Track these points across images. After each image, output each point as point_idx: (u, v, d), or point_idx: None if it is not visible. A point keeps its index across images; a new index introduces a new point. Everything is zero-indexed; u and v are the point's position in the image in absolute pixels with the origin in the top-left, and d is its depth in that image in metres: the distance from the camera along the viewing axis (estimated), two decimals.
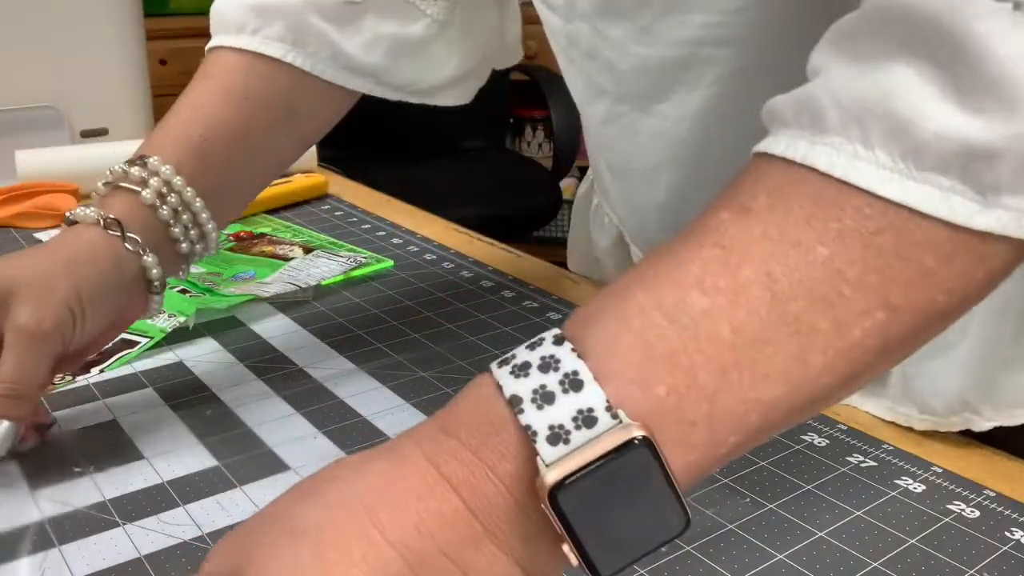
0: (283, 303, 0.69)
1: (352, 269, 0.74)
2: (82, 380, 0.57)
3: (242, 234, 0.84)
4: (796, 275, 0.30)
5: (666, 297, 0.30)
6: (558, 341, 0.29)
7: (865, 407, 0.54)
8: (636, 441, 0.28)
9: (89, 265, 0.48)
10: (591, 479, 0.27)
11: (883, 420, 0.53)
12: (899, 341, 0.31)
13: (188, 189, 0.51)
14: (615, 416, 0.28)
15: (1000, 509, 0.44)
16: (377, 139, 2.27)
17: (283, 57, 0.56)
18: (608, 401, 0.28)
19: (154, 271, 0.50)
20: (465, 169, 2.39)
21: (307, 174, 0.99)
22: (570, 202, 2.87)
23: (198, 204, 0.52)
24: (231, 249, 0.80)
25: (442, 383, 0.57)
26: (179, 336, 0.63)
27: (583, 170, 2.82)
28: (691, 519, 0.29)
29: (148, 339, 0.61)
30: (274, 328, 0.65)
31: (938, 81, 0.29)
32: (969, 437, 0.51)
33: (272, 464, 0.48)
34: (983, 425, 0.52)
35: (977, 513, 0.44)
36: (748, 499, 0.45)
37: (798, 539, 0.42)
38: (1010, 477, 0.47)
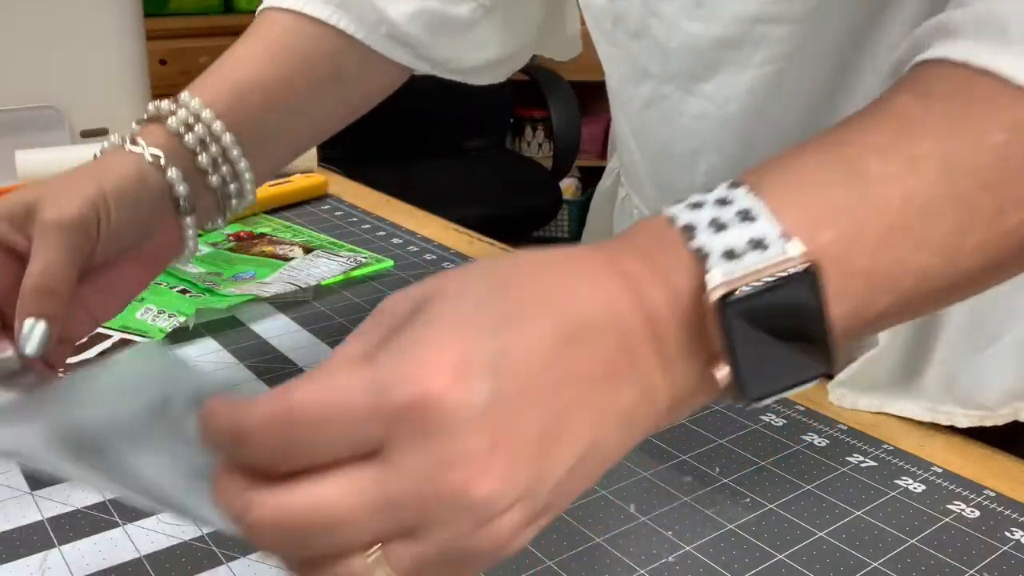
0: (283, 303, 0.69)
1: (352, 269, 0.74)
2: None
3: (242, 234, 0.84)
4: (969, 155, 0.31)
5: (844, 158, 0.32)
6: (733, 186, 0.31)
7: (903, 411, 0.54)
8: (806, 270, 0.29)
9: (112, 172, 0.47)
10: (758, 298, 0.29)
11: (921, 423, 0.52)
12: None
13: (217, 122, 0.51)
14: (787, 246, 0.29)
15: (1000, 509, 0.44)
16: (377, 139, 2.27)
17: (328, 19, 0.56)
18: (782, 232, 0.29)
19: (180, 188, 0.49)
20: (465, 169, 2.39)
21: (307, 174, 0.99)
22: (570, 202, 2.88)
23: (228, 138, 0.51)
24: (231, 249, 0.80)
25: None
26: (179, 336, 0.62)
27: (583, 170, 2.85)
28: (829, 362, 0.30)
29: (148, 339, 0.61)
30: (274, 328, 0.65)
31: None
32: (969, 437, 0.51)
33: None
34: None
35: (977, 513, 0.44)
36: (748, 499, 0.45)
37: (798, 539, 0.42)
38: (1010, 477, 0.47)
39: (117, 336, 0.62)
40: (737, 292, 0.28)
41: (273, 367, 0.59)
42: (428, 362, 0.26)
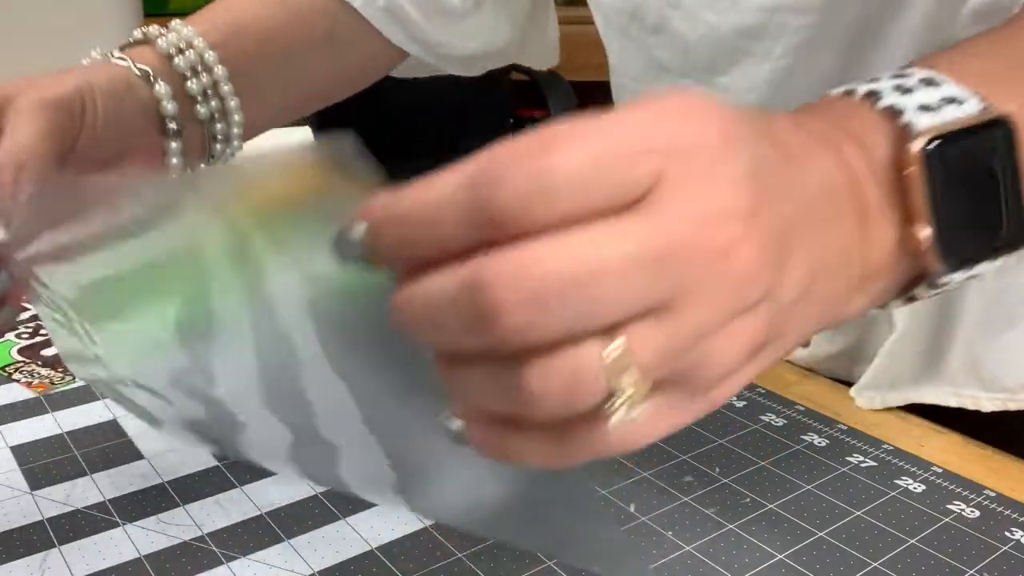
0: None
1: None
2: (82, 380, 0.57)
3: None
4: None
5: (1003, 52, 0.34)
6: (906, 66, 0.31)
7: (924, 398, 0.54)
8: (1004, 118, 0.29)
9: (99, 73, 0.47)
10: (959, 146, 0.28)
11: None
12: None
13: (210, 51, 0.50)
14: (983, 102, 0.29)
15: (1000, 509, 0.44)
16: (377, 139, 2.27)
17: None
18: (973, 92, 0.30)
19: (167, 104, 0.48)
20: None
21: None
22: None
23: (220, 70, 0.51)
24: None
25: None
26: None
27: None
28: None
29: None
30: None
31: None
32: (968, 437, 0.51)
33: None
34: None
35: (977, 513, 0.44)
36: (748, 499, 0.45)
37: (798, 539, 0.42)
38: (1010, 477, 0.47)
39: None
40: (939, 142, 0.28)
41: None
42: (703, 117, 0.24)
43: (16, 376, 0.57)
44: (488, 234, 0.22)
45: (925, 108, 0.29)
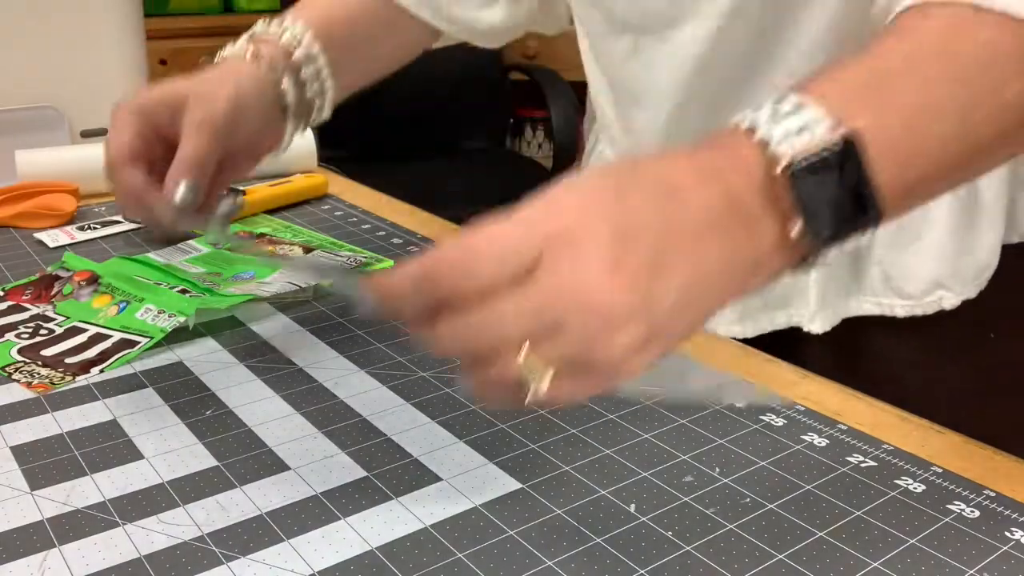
0: (283, 303, 0.69)
1: (352, 269, 0.74)
2: (82, 380, 0.57)
3: (242, 234, 0.84)
4: (963, 47, 0.40)
5: (866, 67, 0.40)
6: (786, 92, 0.39)
7: (859, 311, 0.66)
8: (849, 136, 0.37)
9: (244, 78, 0.59)
10: (813, 162, 0.37)
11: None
12: None
13: (317, 43, 0.63)
14: (832, 124, 0.37)
15: (1000, 509, 0.44)
16: (377, 139, 2.27)
17: None
18: (826, 114, 0.37)
19: (289, 96, 0.62)
20: (465, 169, 2.39)
21: (307, 174, 0.99)
22: None
23: (323, 59, 0.63)
24: (231, 249, 0.80)
25: (442, 383, 0.57)
26: (179, 336, 0.62)
27: None
28: (880, 215, 0.38)
29: (148, 339, 0.61)
30: (274, 328, 0.65)
31: None
32: (968, 437, 0.51)
33: (272, 464, 0.48)
34: (953, 301, 0.64)
35: (977, 513, 0.44)
36: (748, 499, 0.45)
37: (798, 539, 0.42)
38: (1010, 477, 0.47)
39: (117, 336, 0.62)
40: (798, 160, 0.37)
41: (273, 367, 0.59)
42: (564, 206, 0.36)
43: (16, 376, 0.57)
44: (437, 302, 0.36)
45: (788, 135, 0.37)
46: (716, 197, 0.37)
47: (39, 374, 0.58)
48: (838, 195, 0.37)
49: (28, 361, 0.59)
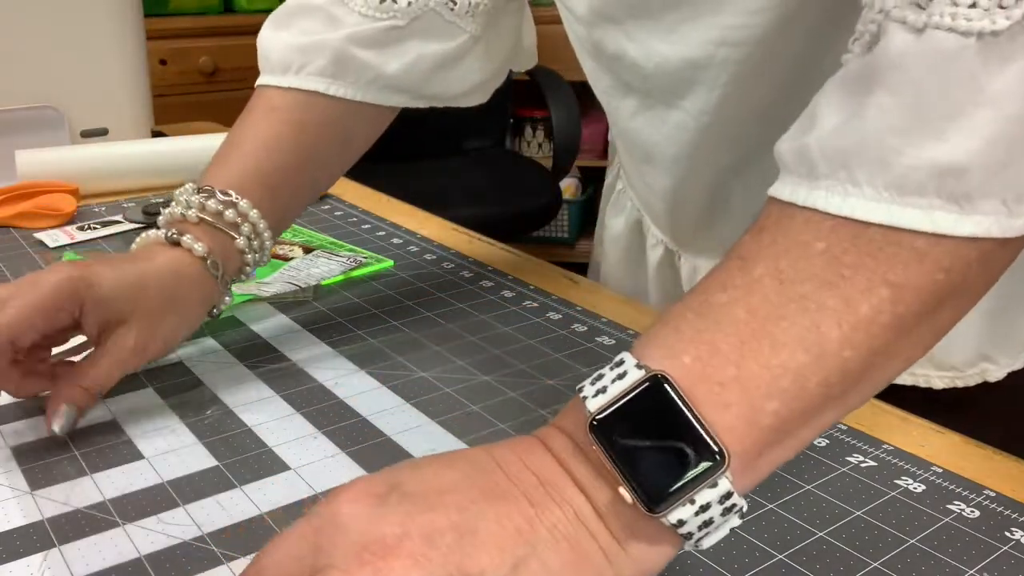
0: (283, 303, 0.69)
1: (352, 269, 0.74)
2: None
3: None
4: (800, 264, 0.34)
5: (695, 299, 0.36)
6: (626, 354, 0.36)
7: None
8: (652, 378, 0.33)
9: (191, 305, 0.56)
10: (620, 410, 0.33)
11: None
12: (914, 317, 0.34)
13: (254, 211, 0.58)
14: (640, 367, 0.34)
15: (1000, 509, 0.44)
16: (379, 141, 2.27)
17: (326, 91, 0.61)
18: (637, 364, 0.34)
19: (225, 302, 0.58)
20: (465, 169, 2.39)
21: None
22: (570, 202, 2.88)
23: (262, 224, 0.58)
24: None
25: (442, 383, 0.57)
26: None
27: (583, 170, 2.85)
28: (725, 454, 0.33)
29: None
30: (274, 328, 0.65)
31: (903, 118, 0.33)
32: (968, 437, 0.51)
33: (272, 464, 0.48)
34: (998, 374, 0.60)
35: (977, 513, 0.44)
36: (748, 499, 0.45)
37: (798, 539, 0.42)
38: (1010, 477, 0.47)
39: None
40: (602, 414, 0.33)
41: (273, 367, 0.59)
42: (341, 492, 0.33)
43: None
44: None
45: (599, 392, 0.34)
46: (541, 460, 0.35)
47: None
48: (654, 438, 0.33)
49: None
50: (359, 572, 0.31)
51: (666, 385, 0.33)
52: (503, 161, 2.49)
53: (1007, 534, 0.42)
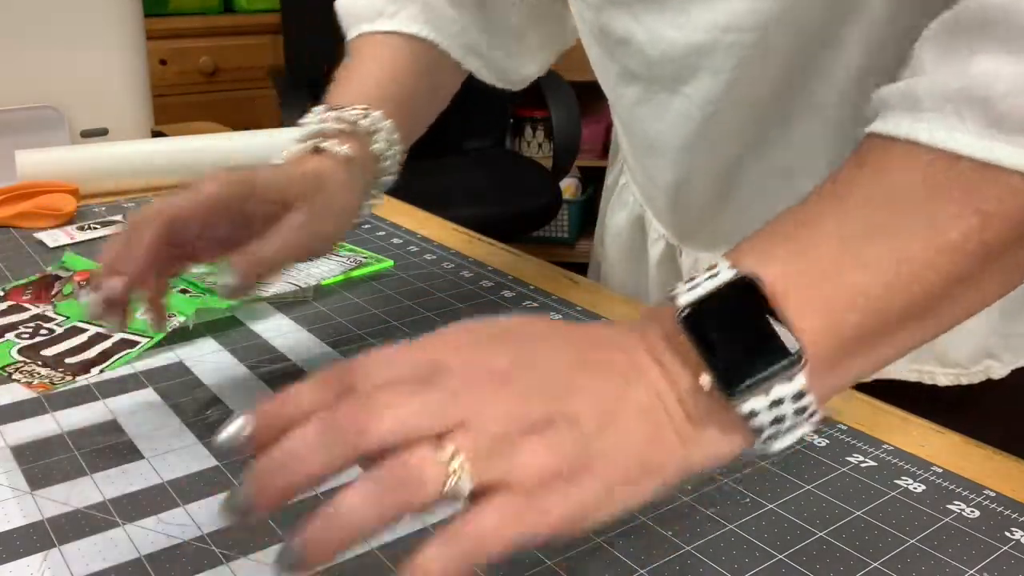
0: (283, 303, 0.69)
1: (352, 269, 0.74)
2: (82, 380, 0.57)
3: None
4: (894, 191, 0.37)
5: (790, 216, 0.39)
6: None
7: (891, 373, 0.60)
8: (742, 278, 0.36)
9: (341, 206, 0.57)
10: (709, 305, 0.36)
11: (908, 382, 0.53)
12: (999, 247, 0.36)
13: (396, 133, 0.62)
14: (732, 269, 0.36)
15: (1000, 509, 0.44)
16: None
17: (418, 33, 0.66)
18: (730, 266, 0.36)
19: (368, 207, 0.61)
20: (465, 169, 2.39)
21: None
22: (570, 202, 2.88)
23: (399, 147, 0.63)
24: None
25: None
26: (179, 336, 0.63)
27: (583, 170, 2.85)
28: (802, 354, 0.35)
29: (148, 339, 0.61)
30: (274, 328, 0.65)
31: (1010, 63, 0.35)
32: (970, 435, 0.51)
33: None
34: (1002, 371, 0.61)
35: (977, 513, 0.44)
36: (748, 499, 0.45)
37: (798, 539, 0.42)
38: (1010, 477, 0.47)
39: (117, 336, 0.62)
40: (691, 307, 0.36)
41: (273, 367, 0.59)
42: (455, 327, 0.36)
43: (16, 376, 0.57)
44: (341, 396, 0.34)
45: (691, 289, 0.36)
46: (636, 346, 0.37)
47: (39, 374, 0.58)
48: (739, 333, 0.35)
49: (28, 361, 0.59)
50: (474, 387, 0.34)
51: (754, 286, 0.36)
52: (503, 161, 2.49)
53: (1007, 534, 0.42)
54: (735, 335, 0.35)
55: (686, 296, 0.36)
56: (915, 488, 0.46)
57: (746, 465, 0.48)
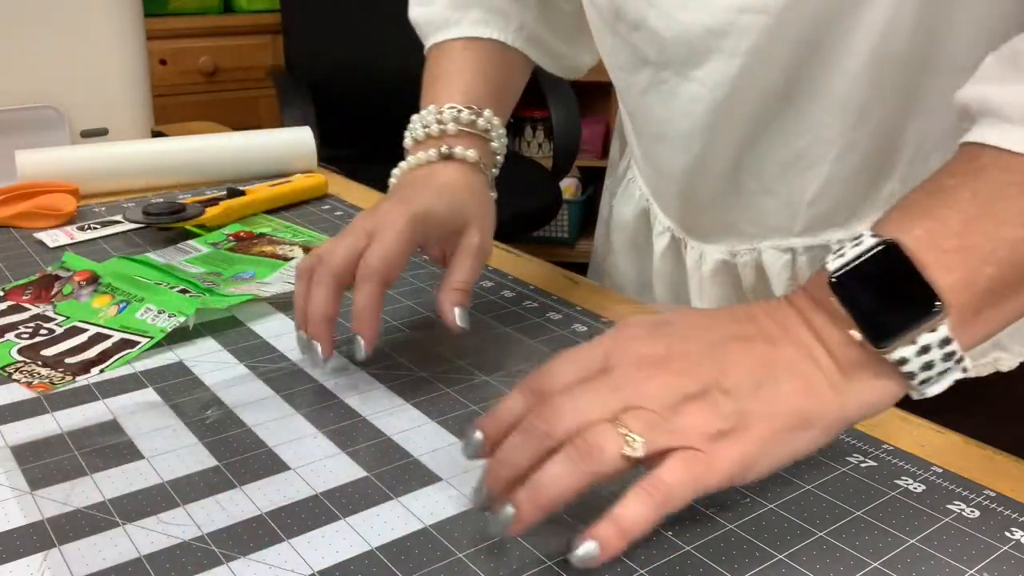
0: (283, 303, 0.69)
1: None
2: (82, 380, 0.57)
3: (242, 234, 0.84)
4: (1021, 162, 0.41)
5: (927, 185, 0.43)
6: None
7: None
8: (885, 243, 0.41)
9: (487, 207, 0.64)
10: (856, 269, 0.41)
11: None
12: None
13: (503, 128, 0.69)
14: (875, 236, 0.41)
15: (1000, 509, 0.44)
16: (377, 139, 2.27)
17: (480, 35, 0.72)
18: (873, 234, 0.41)
19: (492, 180, 0.68)
20: None
21: (307, 174, 0.99)
22: (570, 202, 2.87)
23: (504, 140, 0.69)
24: (231, 249, 0.80)
25: (442, 383, 0.57)
26: (179, 336, 0.63)
27: (583, 170, 2.85)
28: (943, 304, 0.39)
29: (148, 339, 0.61)
30: (274, 328, 0.65)
31: None
32: (968, 437, 0.51)
33: (272, 464, 0.48)
34: (1011, 363, 0.62)
35: (977, 513, 0.44)
36: (748, 499, 0.45)
37: (798, 539, 0.42)
38: (1010, 477, 0.47)
39: (117, 336, 0.62)
40: (840, 272, 0.41)
41: (273, 367, 0.59)
42: (625, 325, 0.44)
43: (16, 376, 0.57)
44: (536, 399, 0.42)
45: (839, 256, 0.41)
46: (786, 313, 0.43)
47: (39, 374, 0.58)
48: (884, 291, 0.40)
49: (28, 361, 0.59)
50: (636, 374, 0.40)
51: (897, 248, 0.40)
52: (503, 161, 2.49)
53: (1007, 534, 0.42)
54: (881, 292, 0.40)
55: (835, 263, 0.41)
56: (915, 488, 0.46)
57: None
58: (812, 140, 0.59)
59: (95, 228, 0.85)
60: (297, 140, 1.04)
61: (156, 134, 1.14)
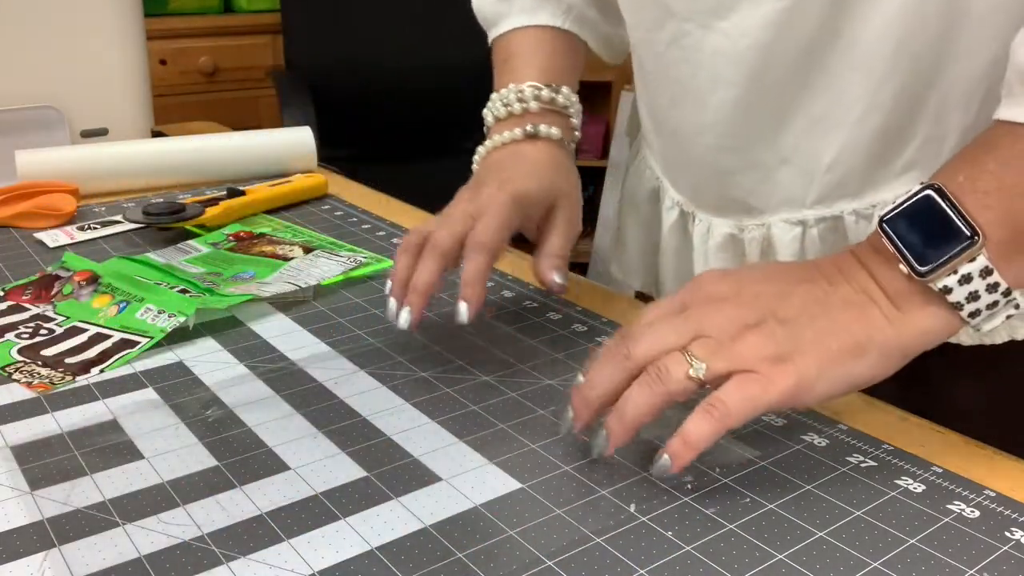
0: (283, 303, 0.69)
1: (352, 269, 0.74)
2: (82, 380, 0.57)
3: (242, 234, 0.84)
4: None
5: (973, 141, 0.48)
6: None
7: None
8: (930, 186, 0.46)
9: (574, 183, 0.69)
10: (904, 211, 0.46)
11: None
12: None
13: (579, 104, 0.72)
14: (923, 184, 0.46)
15: (1000, 509, 0.44)
16: (377, 139, 2.27)
17: (528, 23, 0.74)
18: (923, 182, 0.46)
19: (572, 148, 0.72)
20: (465, 169, 2.38)
21: (307, 174, 0.99)
22: None
23: (581, 116, 0.72)
24: (231, 249, 0.80)
25: (442, 383, 0.57)
26: (179, 336, 0.63)
27: (583, 170, 2.85)
28: (980, 234, 0.44)
29: (148, 339, 0.61)
30: (274, 328, 0.65)
31: None
32: (969, 437, 0.51)
33: (272, 464, 0.48)
34: None
35: (977, 513, 0.44)
36: (748, 499, 0.45)
37: (798, 539, 0.42)
38: (1010, 477, 0.47)
39: (117, 336, 0.62)
40: (890, 214, 0.47)
41: (273, 367, 0.59)
42: (705, 273, 0.50)
43: (16, 376, 0.57)
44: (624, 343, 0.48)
45: (895, 207, 0.47)
46: (844, 258, 0.48)
47: (39, 374, 0.58)
48: (927, 228, 0.45)
49: (28, 361, 0.59)
50: (706, 308, 0.47)
51: (941, 192, 0.45)
52: None
53: (1007, 534, 0.42)
54: (924, 229, 0.45)
55: (886, 209, 0.46)
56: (915, 488, 0.46)
57: (746, 465, 0.48)
58: (834, 99, 0.59)
59: (95, 228, 0.85)
60: (297, 140, 1.04)
61: (156, 134, 1.14)
